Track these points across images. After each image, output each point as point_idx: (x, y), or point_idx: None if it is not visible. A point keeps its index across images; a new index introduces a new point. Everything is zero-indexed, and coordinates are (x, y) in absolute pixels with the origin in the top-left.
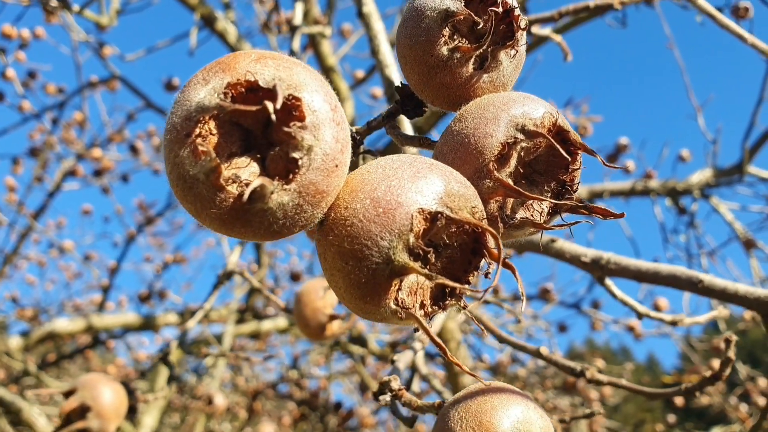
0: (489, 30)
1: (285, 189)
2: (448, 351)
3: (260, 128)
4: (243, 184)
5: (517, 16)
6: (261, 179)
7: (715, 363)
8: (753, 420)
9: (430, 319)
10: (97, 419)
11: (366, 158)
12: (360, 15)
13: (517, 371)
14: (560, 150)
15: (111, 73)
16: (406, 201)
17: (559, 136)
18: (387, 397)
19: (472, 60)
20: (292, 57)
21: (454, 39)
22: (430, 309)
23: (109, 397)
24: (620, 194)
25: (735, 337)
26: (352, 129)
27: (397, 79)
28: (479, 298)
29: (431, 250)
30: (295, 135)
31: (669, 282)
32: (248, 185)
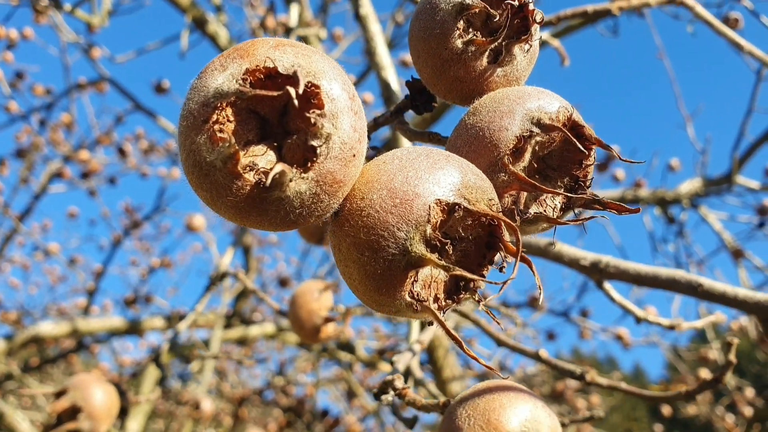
0: (504, 23)
1: (303, 177)
2: (464, 345)
3: (276, 116)
4: (260, 171)
5: (531, 10)
6: (281, 165)
7: (703, 372)
8: (740, 430)
9: (444, 312)
10: (89, 420)
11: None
12: (357, 17)
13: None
14: (577, 144)
15: (100, 74)
16: (424, 192)
17: (573, 131)
18: (390, 396)
19: (486, 54)
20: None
21: (468, 32)
22: (443, 303)
23: (100, 397)
24: None
25: (736, 341)
26: None
27: (394, 81)
28: (498, 291)
29: (448, 242)
30: (316, 122)
31: (668, 286)
32: (265, 173)
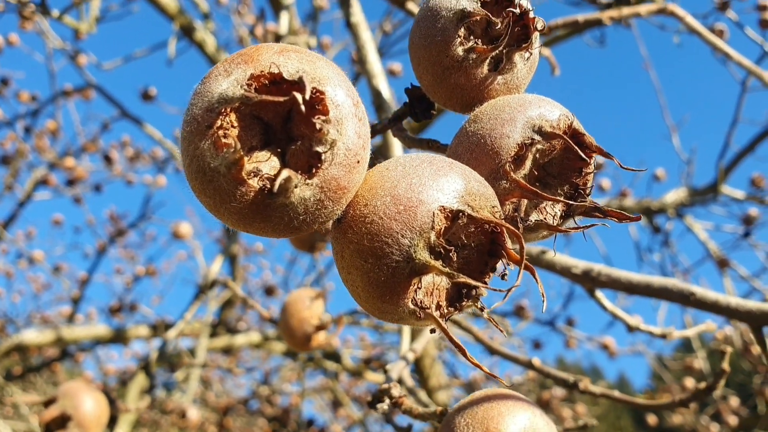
0: (505, 31)
1: (307, 184)
2: (467, 352)
3: (280, 122)
4: (264, 178)
5: (532, 19)
6: (287, 171)
7: (689, 381)
8: None
9: (446, 320)
10: (78, 429)
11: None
12: (348, 25)
13: None
14: (578, 151)
15: (86, 81)
16: (428, 198)
17: (573, 139)
18: (385, 405)
19: (487, 61)
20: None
21: (469, 40)
22: (446, 310)
23: (90, 406)
24: None
25: (729, 349)
26: None
27: (385, 89)
28: (502, 299)
29: (452, 249)
30: (321, 128)
31: (660, 294)
32: (270, 179)
